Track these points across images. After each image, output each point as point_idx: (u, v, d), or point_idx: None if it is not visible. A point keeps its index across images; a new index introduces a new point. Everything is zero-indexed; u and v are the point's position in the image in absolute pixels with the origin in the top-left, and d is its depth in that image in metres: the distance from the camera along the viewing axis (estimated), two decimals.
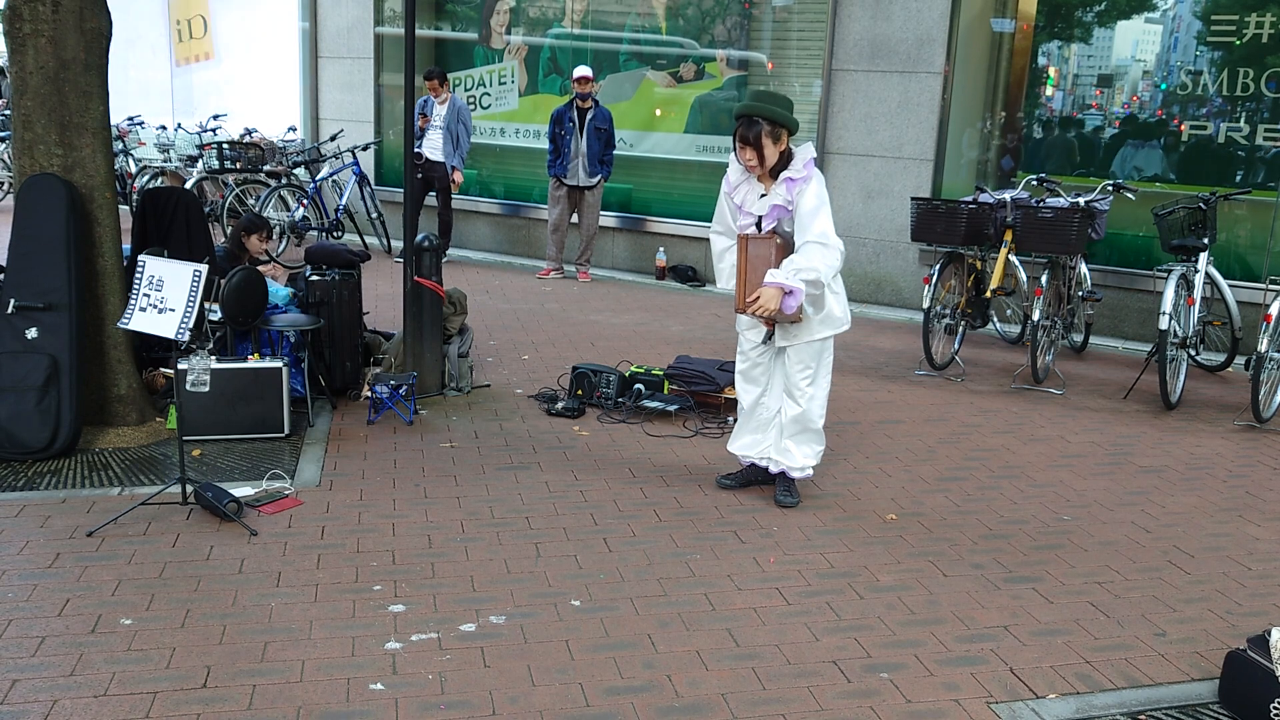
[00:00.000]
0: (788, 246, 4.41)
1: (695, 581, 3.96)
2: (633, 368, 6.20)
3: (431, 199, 10.28)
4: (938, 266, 6.77)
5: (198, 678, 3.20)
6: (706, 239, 5.26)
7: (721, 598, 3.85)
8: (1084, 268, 7.35)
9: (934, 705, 3.23)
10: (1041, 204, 6.87)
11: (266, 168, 10.51)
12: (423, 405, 5.88)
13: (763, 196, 4.47)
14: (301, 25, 11.92)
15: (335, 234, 10.53)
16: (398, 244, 10.58)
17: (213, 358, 5.04)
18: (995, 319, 7.95)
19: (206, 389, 4.66)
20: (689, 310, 8.73)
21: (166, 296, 4.23)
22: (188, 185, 10.00)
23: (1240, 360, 7.26)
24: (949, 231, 6.87)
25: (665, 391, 6.02)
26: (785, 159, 4.41)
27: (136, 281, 4.30)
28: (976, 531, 4.55)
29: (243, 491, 4.54)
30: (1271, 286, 6.35)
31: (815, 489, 4.92)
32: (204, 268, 4.21)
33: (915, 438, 5.74)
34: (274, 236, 9.32)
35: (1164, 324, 6.13)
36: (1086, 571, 4.20)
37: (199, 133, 11.76)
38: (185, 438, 4.99)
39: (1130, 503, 4.95)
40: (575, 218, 9.86)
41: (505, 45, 11.03)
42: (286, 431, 5.27)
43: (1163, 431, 6.01)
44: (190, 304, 4.18)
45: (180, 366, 4.61)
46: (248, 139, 11.14)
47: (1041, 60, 8.69)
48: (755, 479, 4.88)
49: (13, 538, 4.08)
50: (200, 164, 10.90)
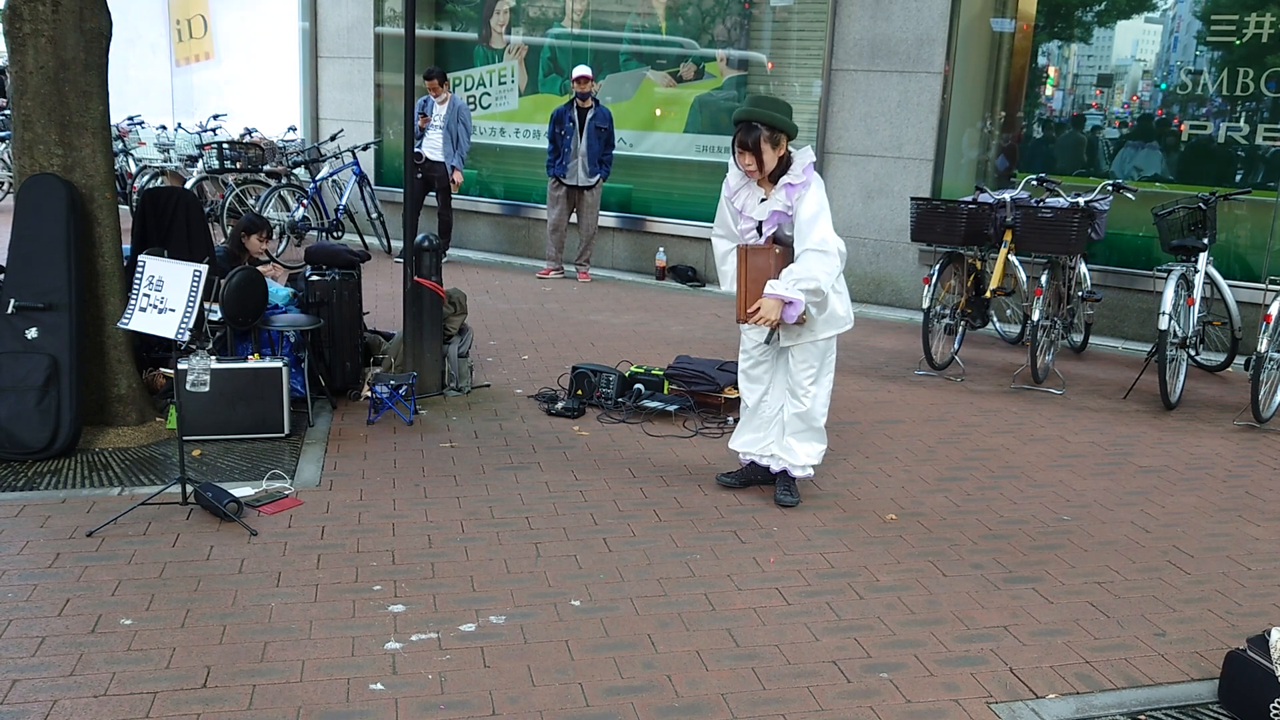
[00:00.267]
0: (788, 253, 4.42)
1: (695, 581, 3.97)
2: (633, 368, 6.20)
3: (431, 199, 10.28)
4: (938, 266, 6.77)
5: (198, 678, 3.20)
6: (706, 239, 5.27)
7: (721, 598, 3.85)
8: (1084, 268, 7.35)
9: (934, 705, 3.23)
10: (1041, 204, 6.87)
11: (266, 168, 10.51)
12: (423, 405, 5.89)
13: (763, 201, 4.47)
14: (301, 25, 11.92)
15: (335, 234, 10.53)
16: (398, 244, 10.58)
17: (213, 358, 5.04)
18: (995, 319, 7.95)
19: (206, 389, 4.66)
20: (689, 310, 8.73)
21: (166, 296, 4.23)
22: (188, 185, 10.00)
23: (1240, 360, 7.26)
24: (949, 231, 6.87)
25: (665, 391, 6.02)
26: (784, 164, 4.41)
27: (136, 281, 4.30)
28: (976, 531, 4.55)
29: (243, 491, 4.54)
30: (1271, 286, 6.36)
31: (815, 489, 4.92)
32: (204, 268, 4.21)
33: (915, 438, 5.74)
34: (274, 236, 9.32)
35: (1164, 324, 6.13)
36: (1086, 571, 4.20)
37: (199, 133, 11.76)
38: (185, 438, 5.00)
39: (1130, 503, 4.95)
40: (574, 218, 9.86)
41: (505, 45, 11.03)
42: (286, 431, 5.27)
43: (1163, 431, 6.01)
44: (190, 304, 4.18)
45: (180, 366, 4.61)
46: (248, 139, 11.14)
47: (1041, 60, 8.69)
48: (755, 478, 4.88)
49: (13, 538, 4.08)
50: (200, 164, 10.90)
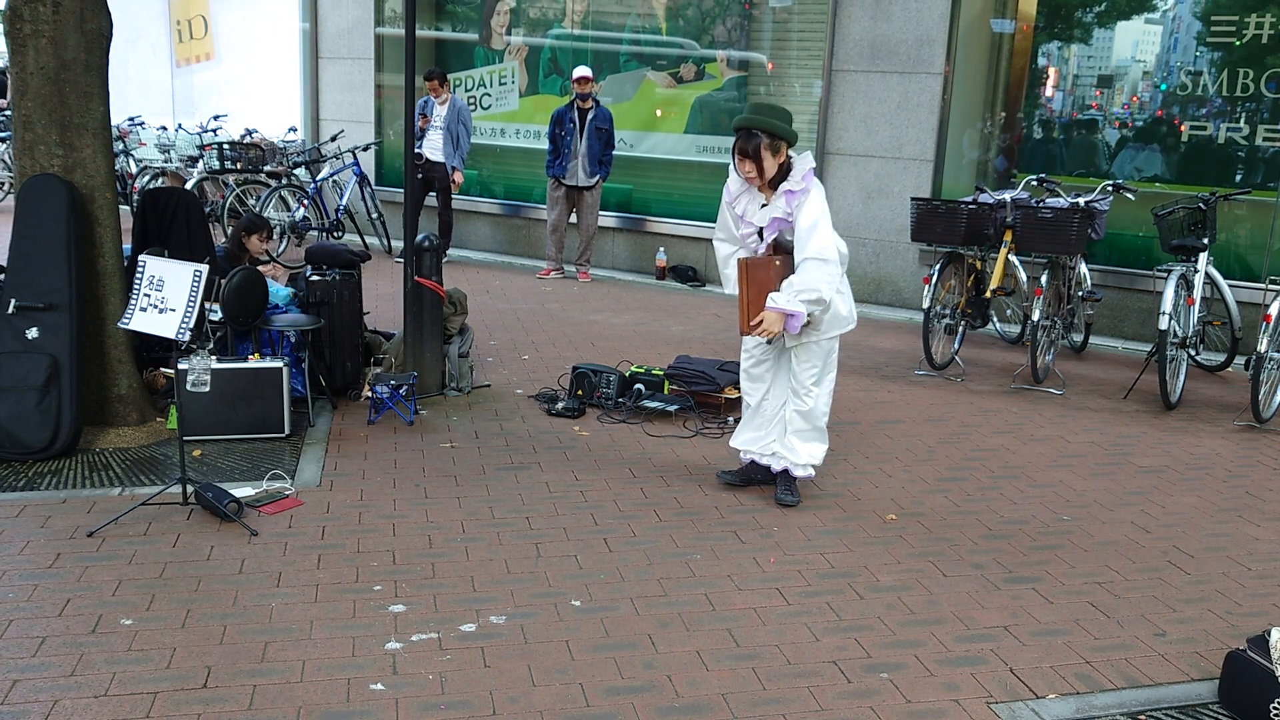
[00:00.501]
0: (789, 263, 4.43)
1: (695, 581, 3.97)
2: (633, 368, 6.21)
3: (432, 199, 10.28)
4: (938, 266, 6.77)
5: (198, 678, 3.20)
6: (707, 239, 5.27)
7: (722, 598, 3.85)
8: (1084, 268, 7.36)
9: (934, 705, 3.23)
10: (1041, 204, 6.87)
11: (267, 168, 10.52)
12: (423, 405, 5.89)
13: (763, 207, 4.48)
14: (302, 26, 11.93)
15: (335, 234, 10.54)
16: (398, 244, 10.59)
17: (213, 358, 5.04)
18: (995, 319, 7.96)
19: (207, 389, 4.66)
20: (689, 310, 8.73)
21: (167, 296, 4.24)
22: (188, 185, 10.01)
23: (1240, 360, 7.26)
24: (949, 232, 6.88)
25: (665, 391, 6.02)
26: (785, 170, 4.42)
27: (137, 281, 4.30)
28: (976, 531, 4.55)
29: (243, 492, 4.54)
30: (1271, 286, 6.36)
31: (815, 489, 4.92)
32: (204, 268, 4.22)
33: (915, 438, 5.74)
34: (274, 237, 9.33)
35: (1164, 324, 6.13)
36: (1086, 571, 4.20)
37: (199, 133, 11.76)
38: (185, 438, 5.00)
39: (1130, 503, 4.95)
40: (574, 218, 9.86)
41: (505, 46, 11.03)
42: (287, 432, 5.27)
43: (1163, 431, 6.01)
44: (190, 304, 4.18)
45: (180, 366, 4.61)
46: (248, 139, 11.14)
47: (1041, 60, 8.69)
48: (756, 477, 4.88)
49: (13, 538, 4.08)
50: (201, 164, 10.90)
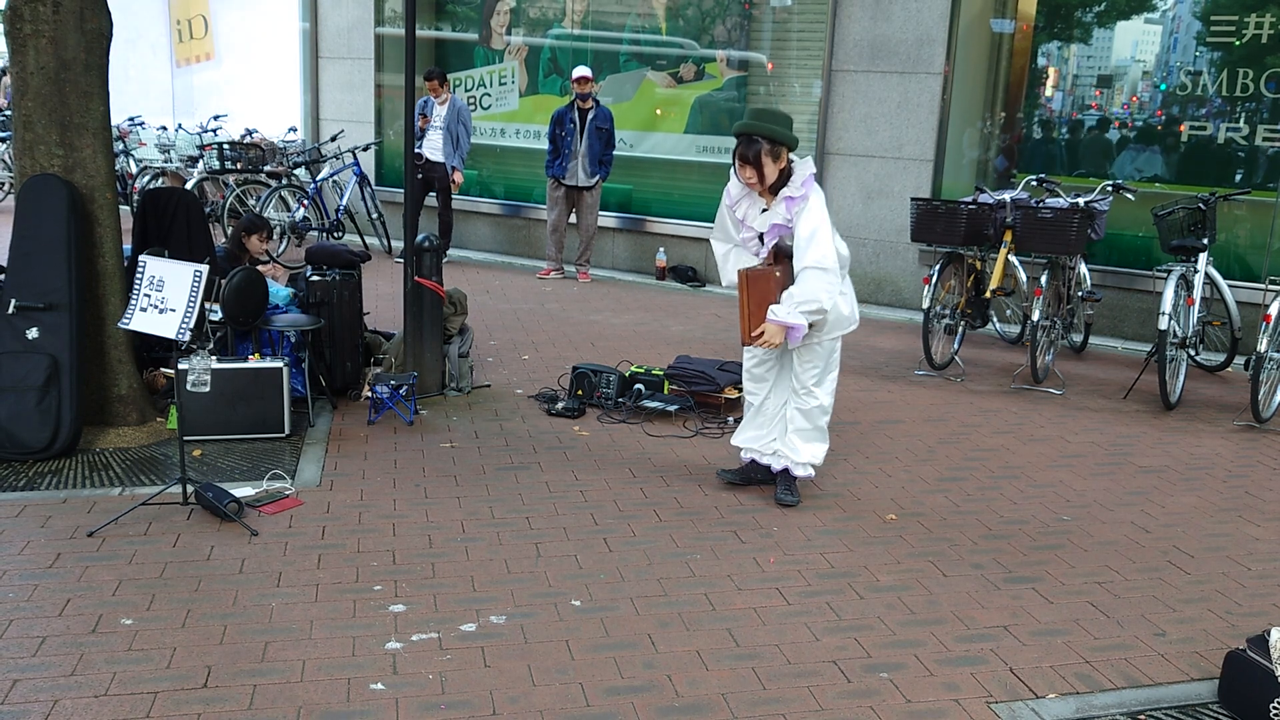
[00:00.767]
0: (789, 271, 4.44)
1: (695, 581, 3.97)
2: (633, 368, 6.21)
3: (432, 199, 10.28)
4: (938, 267, 6.77)
5: (198, 678, 3.20)
6: (707, 239, 5.27)
7: (721, 598, 3.85)
8: (1084, 268, 7.35)
9: (934, 705, 3.23)
10: (1041, 204, 6.87)
11: (267, 168, 10.52)
12: (423, 405, 5.89)
13: (764, 212, 4.49)
14: (302, 25, 11.93)
15: (336, 234, 10.54)
16: (398, 244, 10.59)
17: (213, 358, 5.04)
18: (995, 319, 7.96)
19: (207, 389, 4.66)
20: (689, 310, 8.74)
21: (167, 297, 4.24)
22: (188, 186, 10.00)
23: (1240, 360, 7.27)
24: (949, 232, 6.87)
25: (665, 391, 6.02)
26: (785, 175, 4.42)
27: (137, 282, 4.31)
28: (976, 531, 4.55)
29: (243, 492, 4.54)
30: (1271, 287, 6.36)
31: (815, 489, 4.92)
32: (204, 268, 4.22)
33: (915, 438, 5.74)
34: (274, 237, 9.33)
35: (1164, 324, 6.13)
36: (1086, 571, 4.20)
37: (199, 133, 11.76)
38: (186, 438, 5.00)
39: (1130, 503, 4.95)
40: (574, 218, 9.86)
41: (505, 46, 11.03)
42: (287, 431, 5.27)
43: (1162, 431, 6.01)
44: (191, 304, 4.18)
45: (181, 366, 4.61)
46: (248, 139, 11.14)
47: (1041, 60, 8.69)
48: (756, 477, 4.88)
49: (13, 538, 4.08)
50: (201, 164, 10.90)
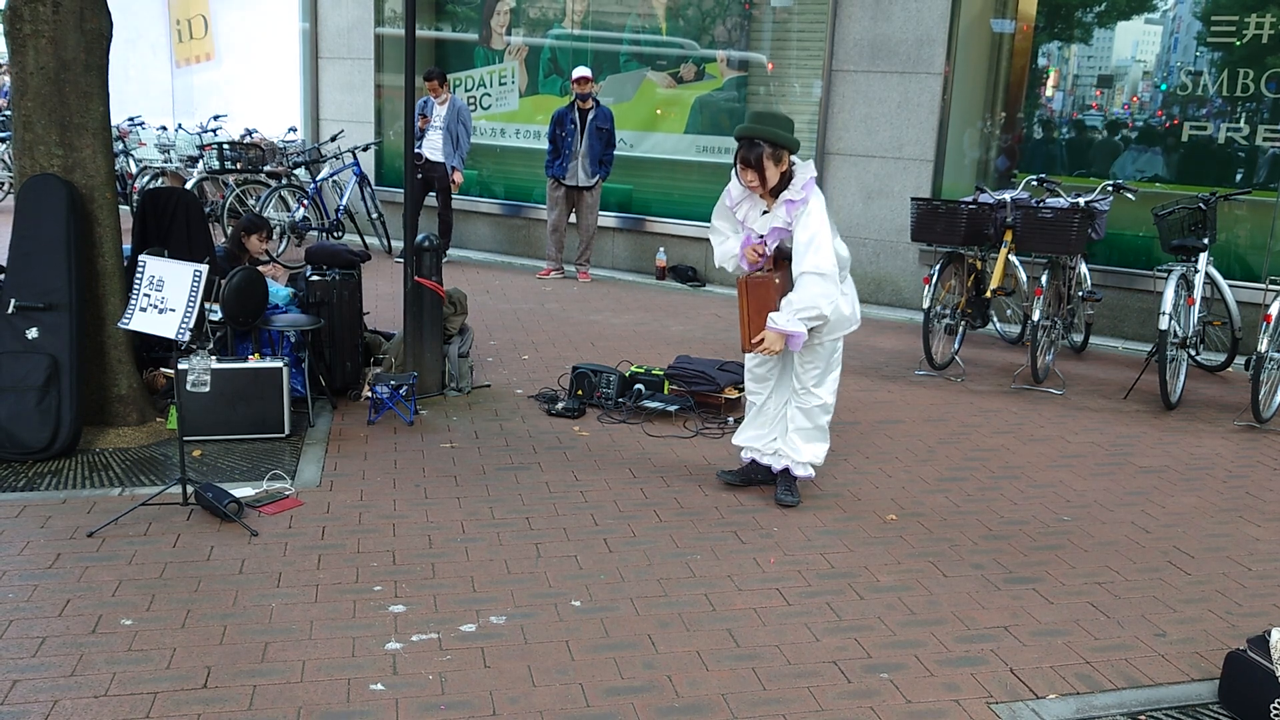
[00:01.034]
0: (789, 278, 4.44)
1: (695, 582, 3.97)
2: (633, 368, 6.20)
3: (431, 199, 10.28)
4: (938, 266, 6.77)
5: (198, 678, 3.20)
6: (707, 239, 5.26)
7: (722, 598, 3.85)
8: (1084, 268, 7.35)
9: (934, 705, 3.23)
10: (1041, 204, 6.87)
11: (267, 168, 10.51)
12: (423, 405, 5.89)
13: (764, 214, 4.49)
14: (302, 26, 11.93)
15: (335, 234, 10.54)
16: (398, 244, 10.59)
17: (213, 358, 5.04)
18: (995, 319, 7.95)
19: (207, 389, 4.66)
20: (689, 310, 8.74)
21: (167, 296, 4.23)
22: (188, 185, 10.00)
23: (1240, 360, 7.26)
24: (949, 231, 6.87)
25: (665, 391, 6.02)
26: (787, 178, 4.43)
27: (137, 281, 4.30)
28: (976, 532, 4.55)
29: (243, 492, 4.54)
30: (1271, 286, 6.35)
31: (815, 489, 4.92)
32: (204, 268, 4.22)
33: (915, 438, 5.74)
34: (274, 237, 9.33)
35: (1164, 324, 6.13)
36: (1086, 571, 4.20)
37: (199, 133, 11.76)
38: (185, 438, 5.00)
39: (1130, 503, 4.95)
40: (573, 218, 9.86)
41: (505, 46, 11.03)
42: (287, 432, 5.27)
43: (1163, 431, 6.01)
44: (190, 304, 4.18)
45: (180, 366, 4.61)
46: (248, 139, 11.14)
47: (1041, 60, 8.69)
48: (756, 477, 4.88)
49: (13, 538, 4.08)
50: (201, 164, 10.90)
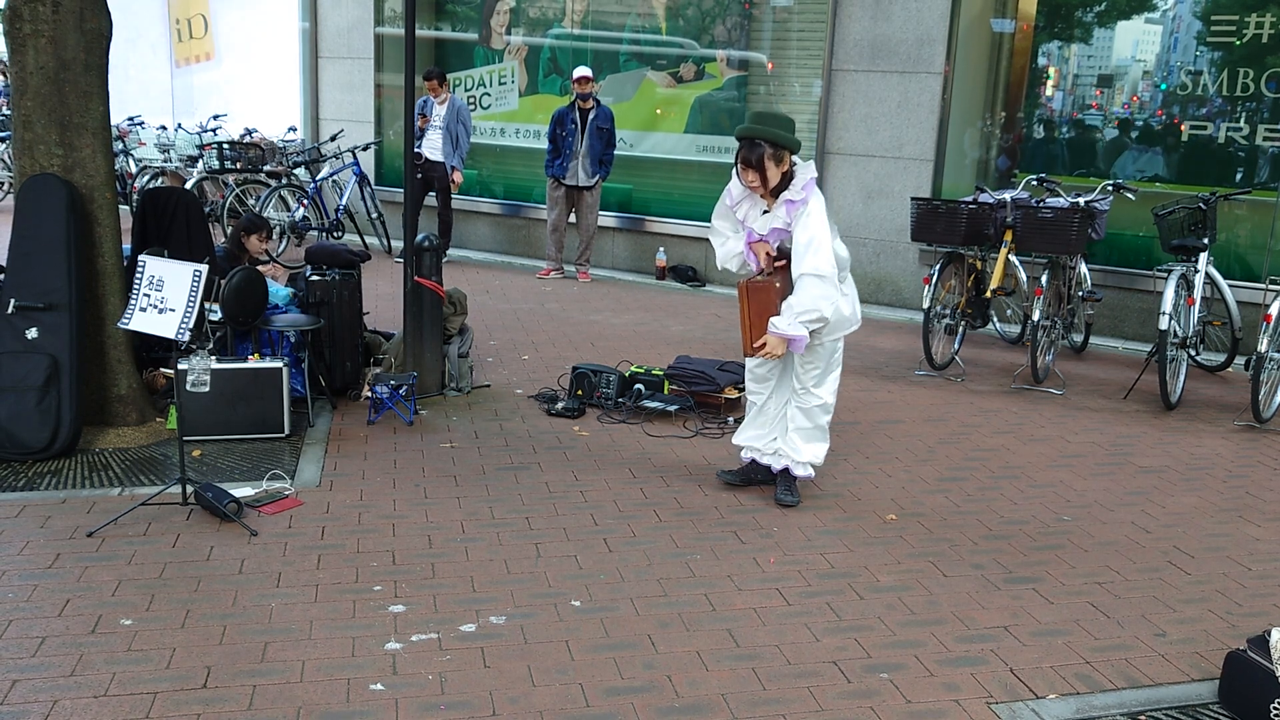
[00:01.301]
0: (789, 281, 4.44)
1: (695, 582, 3.97)
2: (633, 368, 6.20)
3: (431, 199, 10.28)
4: (938, 266, 6.77)
5: (198, 678, 3.20)
6: (707, 239, 5.25)
7: (721, 598, 3.85)
8: (1084, 268, 7.35)
9: (934, 705, 3.23)
10: (1041, 204, 6.87)
11: (267, 168, 10.51)
12: (423, 405, 5.88)
13: (765, 213, 4.49)
14: (302, 25, 11.92)
15: (335, 234, 10.53)
16: (398, 244, 10.58)
17: (213, 358, 5.04)
18: (995, 319, 7.95)
19: (206, 389, 4.66)
20: (689, 310, 8.73)
21: (166, 296, 4.23)
22: (188, 185, 10.00)
23: (1240, 360, 7.26)
24: (949, 231, 6.87)
25: (665, 391, 6.02)
26: (787, 178, 4.43)
27: (136, 281, 4.30)
28: (976, 532, 4.55)
29: (243, 492, 4.54)
30: (1271, 286, 6.35)
31: (815, 489, 4.92)
32: (204, 268, 4.21)
33: (915, 438, 5.74)
34: (274, 236, 9.32)
35: (1164, 324, 6.13)
36: (1086, 571, 4.20)
37: (199, 133, 11.76)
38: (185, 438, 4.99)
39: (1130, 503, 4.95)
40: (573, 217, 9.86)
41: (505, 45, 11.03)
42: (286, 432, 5.27)
43: (1163, 431, 6.01)
44: (190, 304, 4.18)
45: (180, 366, 4.61)
46: (248, 139, 11.14)
47: (1041, 60, 8.68)
48: (756, 477, 4.88)
49: (13, 538, 4.08)
50: (200, 164, 10.90)
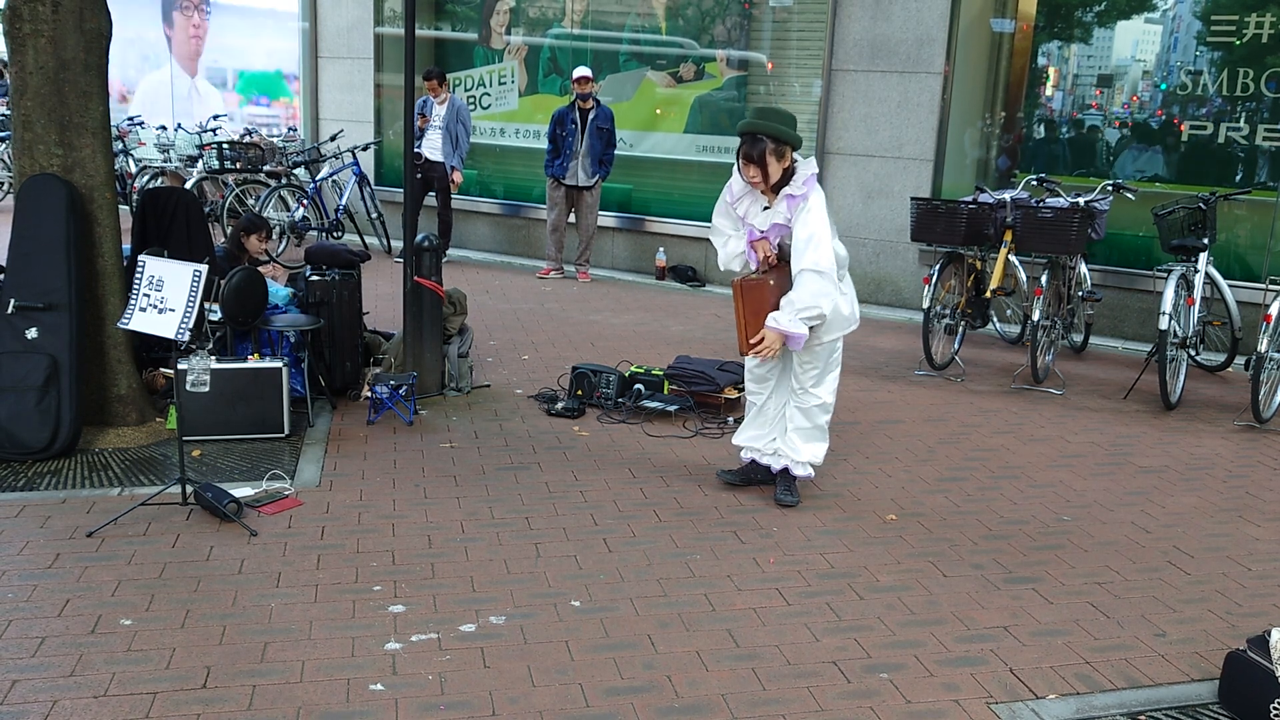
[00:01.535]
0: (783, 280, 4.44)
1: (695, 582, 3.96)
2: (633, 368, 6.20)
3: (431, 199, 10.28)
4: (938, 266, 6.77)
5: (198, 678, 3.20)
6: (707, 239, 5.26)
7: (721, 598, 3.85)
8: (1084, 268, 7.35)
9: (934, 705, 3.23)
10: (1041, 204, 6.87)
11: (266, 168, 10.51)
12: (423, 405, 5.88)
13: (765, 210, 4.49)
14: (301, 25, 11.92)
15: (335, 234, 10.53)
16: (398, 244, 10.58)
17: (213, 358, 5.04)
18: (995, 319, 7.95)
19: (206, 389, 4.65)
20: (689, 310, 8.73)
21: (166, 296, 4.23)
22: (188, 185, 10.00)
23: (1240, 360, 7.26)
24: (949, 231, 6.87)
25: (665, 391, 6.02)
26: (789, 174, 4.43)
27: (136, 281, 4.30)
28: (976, 532, 4.55)
29: (243, 492, 4.54)
30: (1271, 286, 6.35)
31: (815, 489, 4.92)
32: (204, 268, 4.21)
33: (915, 438, 5.74)
34: (274, 236, 9.32)
35: (1164, 324, 6.13)
36: (1086, 571, 4.20)
37: (199, 133, 11.76)
38: (185, 438, 4.99)
39: (1130, 503, 4.95)
40: (573, 217, 9.86)
41: (505, 45, 11.03)
42: (286, 432, 5.27)
43: (1163, 431, 6.01)
44: (190, 304, 4.18)
45: (180, 366, 4.61)
46: (248, 139, 11.14)
47: (1041, 60, 8.68)
48: (756, 477, 4.88)
49: (13, 538, 4.08)
50: (200, 164, 10.90)
